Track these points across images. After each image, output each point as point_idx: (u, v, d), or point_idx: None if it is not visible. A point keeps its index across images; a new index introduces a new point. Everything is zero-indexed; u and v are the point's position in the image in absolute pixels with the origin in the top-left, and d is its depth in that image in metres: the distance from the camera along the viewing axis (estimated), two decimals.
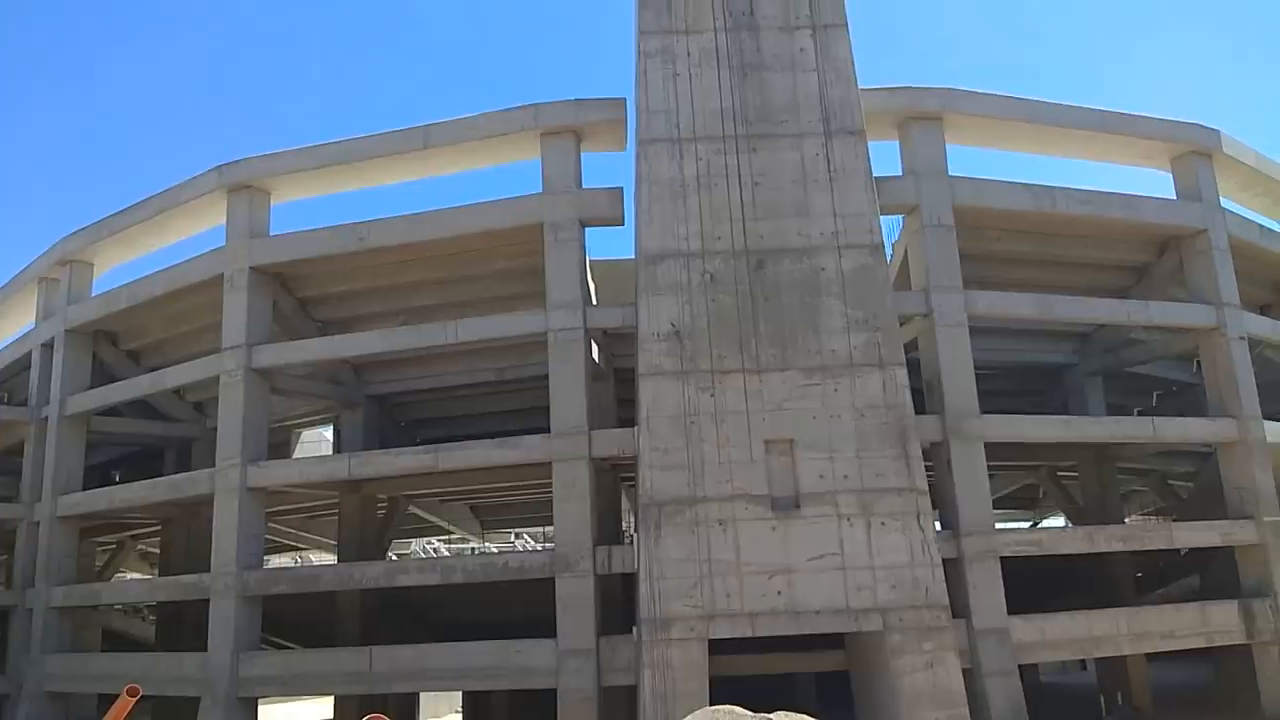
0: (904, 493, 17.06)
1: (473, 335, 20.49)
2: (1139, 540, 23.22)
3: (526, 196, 20.05)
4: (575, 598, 17.87)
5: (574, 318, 18.99)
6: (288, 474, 22.19)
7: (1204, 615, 20.39)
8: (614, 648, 17.72)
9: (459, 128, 20.76)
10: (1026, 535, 24.72)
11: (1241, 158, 23.83)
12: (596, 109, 20.04)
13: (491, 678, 18.81)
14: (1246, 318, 22.77)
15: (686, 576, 16.46)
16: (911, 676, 16.35)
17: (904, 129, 20.63)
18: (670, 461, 16.95)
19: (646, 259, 17.96)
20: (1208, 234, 22.32)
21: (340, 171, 21.60)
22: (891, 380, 17.56)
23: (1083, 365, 26.39)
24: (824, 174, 18.47)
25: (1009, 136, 22.04)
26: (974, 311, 19.80)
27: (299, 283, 22.75)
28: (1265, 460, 21.54)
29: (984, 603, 18.25)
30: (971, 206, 20.33)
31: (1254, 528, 20.88)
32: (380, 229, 20.51)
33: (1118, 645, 20.02)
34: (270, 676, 19.68)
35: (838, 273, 17.96)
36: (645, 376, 17.43)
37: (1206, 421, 22.21)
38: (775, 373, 17.38)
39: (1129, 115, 22.44)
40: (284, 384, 22.61)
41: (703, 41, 19.11)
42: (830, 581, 16.53)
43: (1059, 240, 22.93)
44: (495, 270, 21.97)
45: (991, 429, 19.59)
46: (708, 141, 18.49)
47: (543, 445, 18.84)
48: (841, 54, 19.24)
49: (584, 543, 18.05)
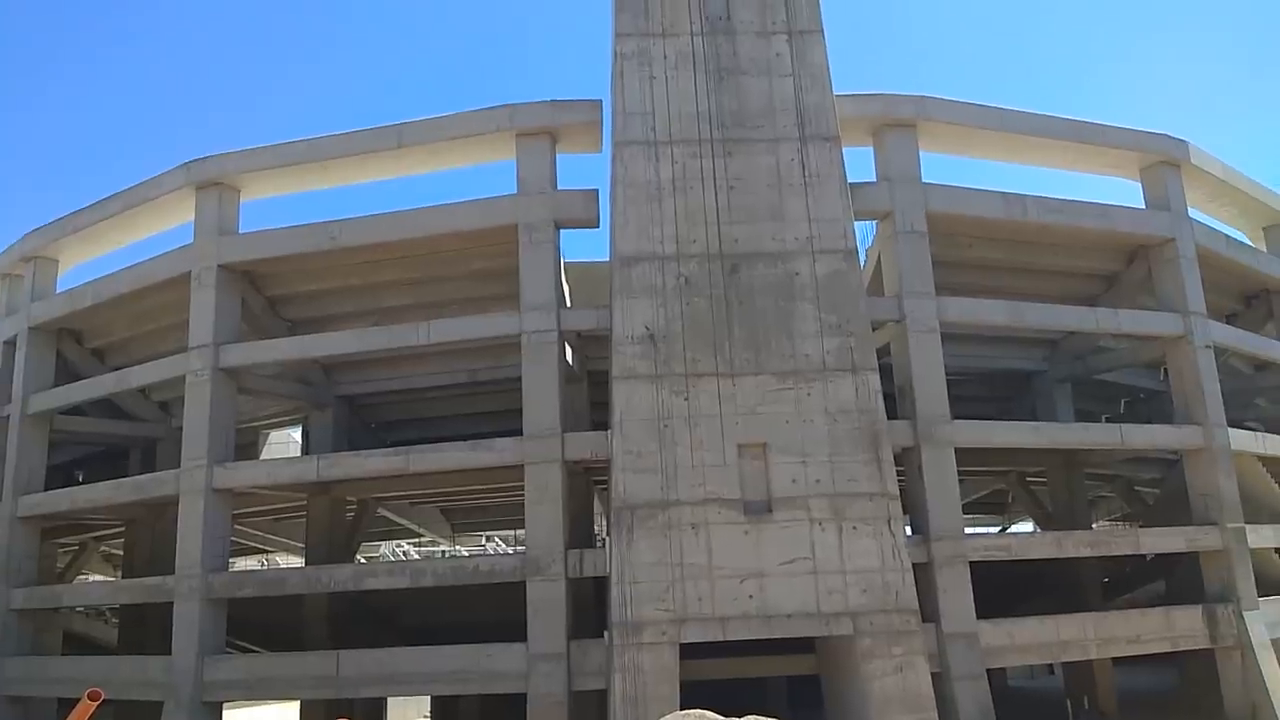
0: (875, 497, 17.13)
1: (445, 336, 20.33)
2: (1106, 546, 23.44)
3: (501, 197, 19.94)
4: (546, 601, 17.76)
5: (548, 320, 18.90)
6: (255, 475, 21.91)
7: (1169, 620, 20.64)
8: (585, 652, 17.64)
9: (433, 127, 20.61)
10: (996, 540, 24.88)
11: (1209, 168, 24.21)
12: (572, 110, 19.98)
13: (461, 682, 18.66)
14: (1213, 326, 23.13)
15: (658, 580, 16.42)
16: (882, 680, 16.41)
17: (878, 135, 20.74)
18: (643, 465, 16.91)
19: (621, 261, 17.92)
20: (1175, 243, 22.64)
21: (311, 169, 21.38)
22: (864, 385, 17.63)
23: (1052, 372, 26.67)
24: (799, 179, 18.53)
25: (982, 144, 22.24)
26: (946, 318, 19.94)
27: (268, 281, 22.47)
28: (1229, 467, 21.87)
29: (953, 607, 18.36)
30: (944, 213, 20.48)
31: (1218, 533, 21.18)
32: (352, 228, 20.31)
33: (1085, 649, 20.22)
34: (235, 680, 19.40)
35: (812, 277, 18.01)
36: (619, 379, 17.38)
37: (1173, 428, 22.51)
38: (749, 376, 17.40)
39: (1099, 125, 22.72)
40: (252, 384, 22.32)
41: (679, 45, 19.11)
42: (802, 585, 16.55)
43: (1030, 248, 23.16)
44: (469, 271, 21.82)
45: (962, 434, 19.73)
46: (684, 145, 18.49)
47: (515, 448, 18.73)
48: (817, 60, 19.33)
49: (556, 546, 17.95)
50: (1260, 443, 23.99)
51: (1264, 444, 24.10)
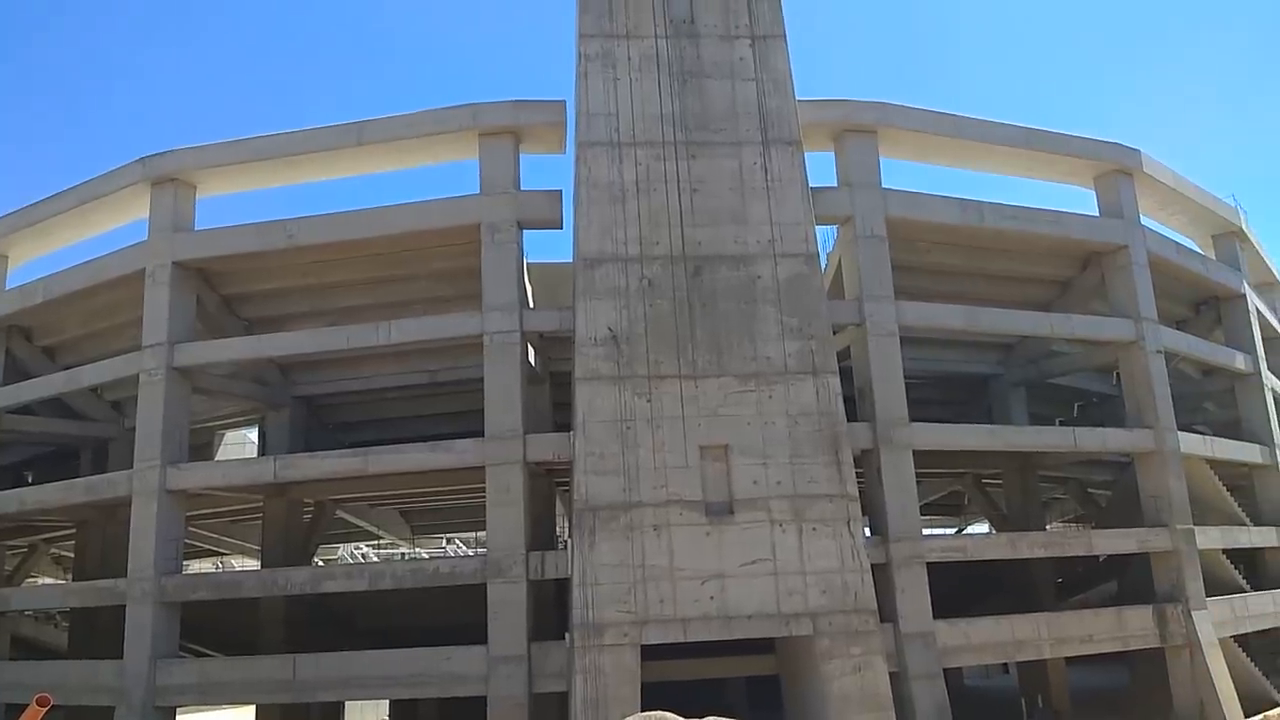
0: (835, 499, 17.29)
1: (405, 336, 20.18)
2: (1059, 547, 23.86)
3: (464, 197, 19.84)
4: (507, 604, 17.69)
5: (510, 320, 18.83)
6: (209, 476, 21.55)
7: (1120, 620, 21.06)
8: (546, 654, 17.59)
9: (395, 125, 20.44)
10: (952, 541, 25.18)
11: (1160, 177, 24.76)
12: (536, 111, 19.94)
13: (420, 685, 18.49)
14: (1164, 332, 23.65)
15: (620, 582, 16.42)
16: (840, 680, 16.56)
17: (839, 141, 20.95)
18: (606, 467, 16.91)
19: (585, 263, 17.91)
20: (1128, 250, 23.12)
21: (270, 166, 21.11)
22: (825, 388, 17.79)
23: (1007, 376, 27.10)
24: (761, 183, 18.65)
25: (941, 151, 22.54)
26: (905, 321, 20.18)
27: (224, 279, 22.14)
28: (1179, 470, 22.37)
29: (911, 607, 18.57)
30: (904, 219, 20.73)
31: (1168, 535, 21.65)
32: (310, 226, 20.09)
33: (1039, 649, 20.54)
34: (189, 685, 19.07)
35: (774, 281, 18.14)
36: (582, 381, 17.36)
37: (1124, 432, 22.98)
38: (711, 379, 17.47)
39: (1054, 133, 23.14)
40: (207, 383, 21.98)
41: (643, 47, 19.15)
42: (762, 586, 16.65)
43: (986, 253, 23.52)
44: (430, 271, 21.67)
45: (920, 437, 19.97)
46: (647, 147, 18.52)
47: (476, 449, 18.63)
48: (780, 65, 19.47)
49: (517, 548, 17.88)
50: (1209, 446, 24.57)
51: (1212, 448, 24.68)
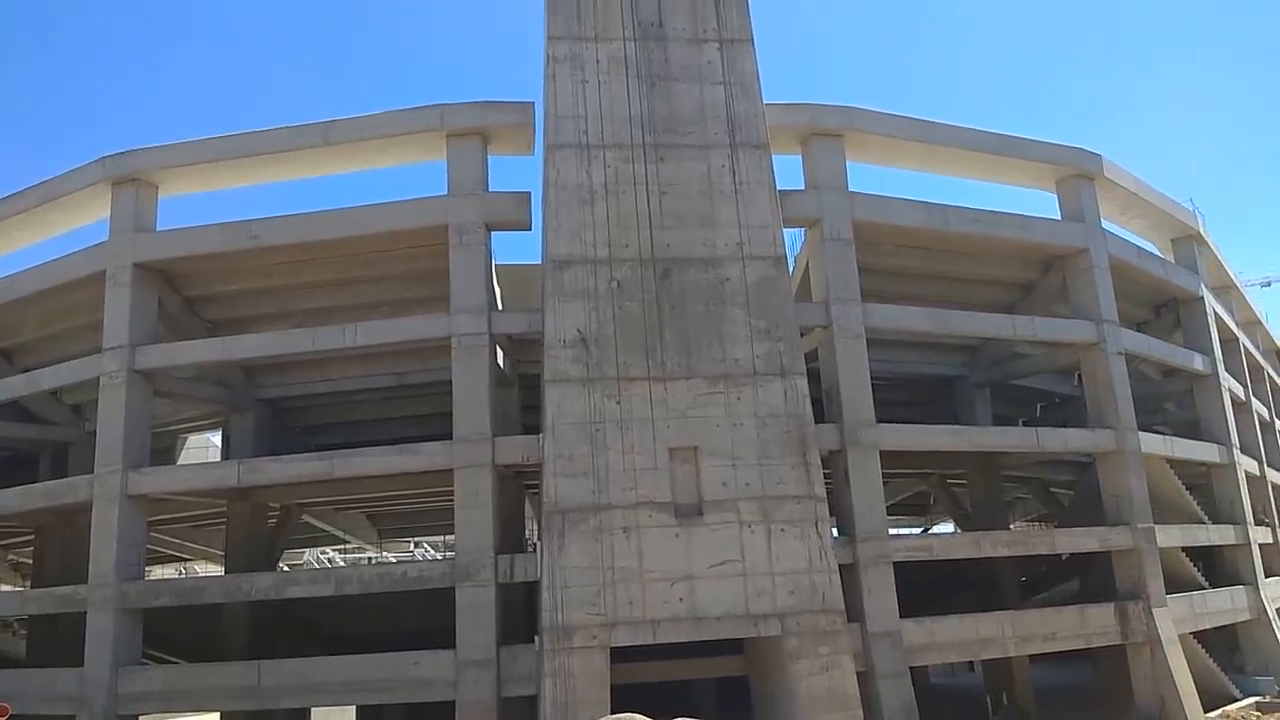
0: (803, 500, 17.38)
1: (372, 339, 20.01)
2: (1023, 546, 24.18)
3: (431, 198, 19.71)
4: (476, 607, 17.59)
5: (479, 322, 18.74)
6: (172, 481, 21.20)
7: (1083, 617, 21.36)
8: (515, 657, 17.51)
9: (361, 125, 20.27)
10: (918, 541, 25.40)
11: (1121, 181, 25.20)
12: (504, 112, 19.87)
13: (387, 691, 18.33)
14: (1124, 334, 24.06)
15: (589, 584, 16.39)
16: (809, 680, 16.64)
17: (807, 144, 21.08)
18: (575, 469, 16.87)
19: (554, 264, 17.87)
20: (1089, 253, 23.50)
21: (234, 166, 20.83)
22: (793, 389, 17.89)
23: (972, 377, 27.44)
24: (729, 185, 18.73)
25: (906, 156, 22.76)
26: (871, 324, 20.35)
27: (187, 281, 21.83)
28: (1140, 469, 22.76)
29: (878, 607, 18.71)
30: (870, 222, 20.90)
31: (1129, 533, 22.01)
32: (274, 227, 19.85)
33: (1003, 647, 20.77)
34: (151, 692, 18.74)
35: (742, 283, 18.21)
36: (551, 383, 17.32)
37: (1086, 432, 23.33)
38: (680, 381, 17.50)
39: (1018, 138, 23.46)
40: (169, 386, 21.64)
41: (612, 50, 19.16)
42: (731, 588, 16.70)
43: (951, 256, 23.79)
44: (397, 273, 21.52)
45: (887, 438, 20.14)
46: (616, 149, 18.53)
47: (445, 452, 18.52)
48: (747, 68, 19.57)
49: (486, 551, 17.79)
50: (1169, 446, 25.04)
51: (1172, 448, 25.16)
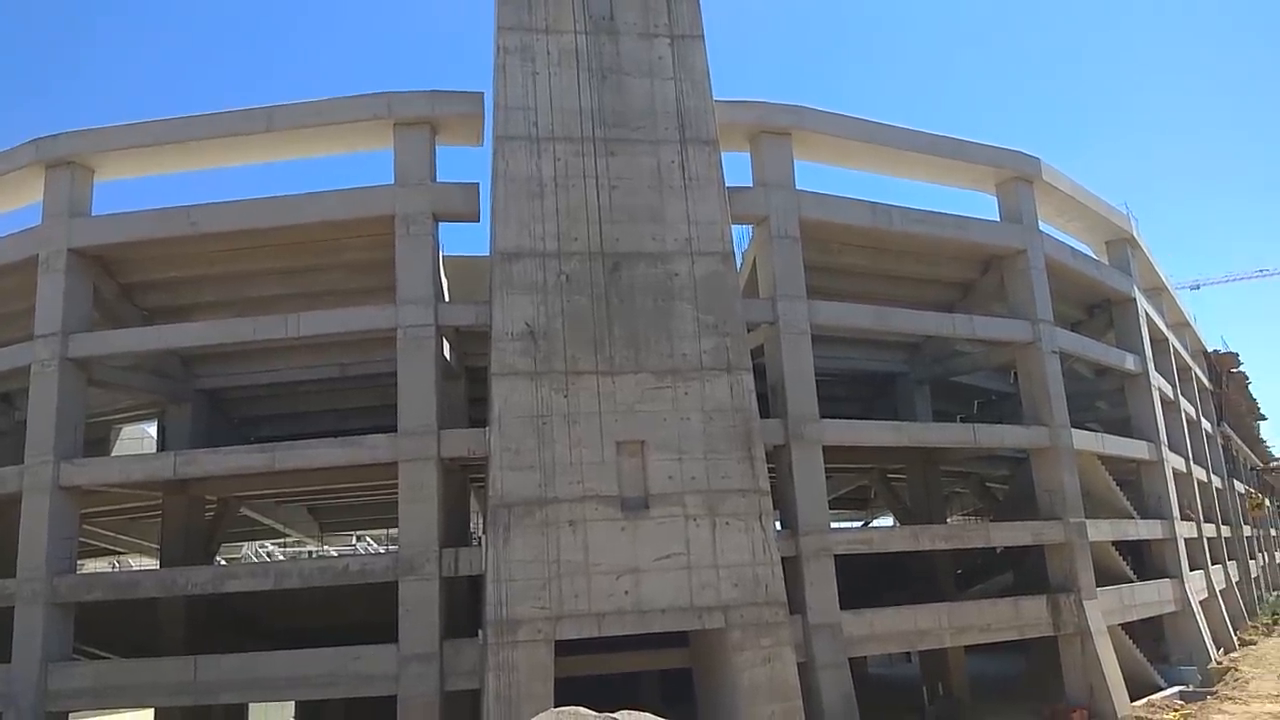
0: (748, 494, 17.58)
1: (316, 329, 19.67)
2: (960, 539, 24.77)
3: (378, 187, 19.46)
4: (419, 601, 17.45)
5: (425, 314, 18.58)
6: (106, 472, 20.61)
7: (1016, 609, 21.96)
8: (458, 651, 17.43)
9: (306, 111, 19.93)
10: (858, 534, 25.99)
11: (1058, 184, 25.91)
12: (453, 102, 19.69)
13: (328, 686, 18.09)
14: (1059, 334, 24.76)
15: (535, 578, 16.38)
16: (751, 671, 16.85)
17: (755, 142, 21.27)
18: (522, 462, 16.84)
19: (502, 257, 17.78)
20: (1027, 254, 24.12)
21: (173, 151, 20.33)
22: (739, 384, 18.06)
23: (913, 374, 27.97)
24: (679, 181, 18.81)
25: (853, 155, 23.09)
26: (817, 320, 20.63)
27: (123, 267, 21.24)
28: (1072, 465, 23.46)
29: (819, 599, 19.03)
30: (817, 220, 21.18)
31: (1061, 528, 22.68)
32: (215, 213, 19.42)
33: (940, 638, 21.27)
34: (83, 689, 18.25)
35: (690, 278, 18.32)
36: (498, 376, 17.25)
37: (1022, 429, 23.96)
38: (628, 375, 17.55)
39: (960, 140, 23.96)
40: (104, 375, 21.04)
41: (563, 42, 19.10)
42: (676, 581, 16.83)
43: (895, 256, 24.22)
44: (342, 262, 21.21)
45: (830, 433, 20.46)
46: (566, 142, 18.49)
47: (389, 445, 18.32)
48: (698, 64, 19.66)
49: (430, 545, 17.67)
50: (1100, 443, 25.85)
51: (1104, 444, 25.98)
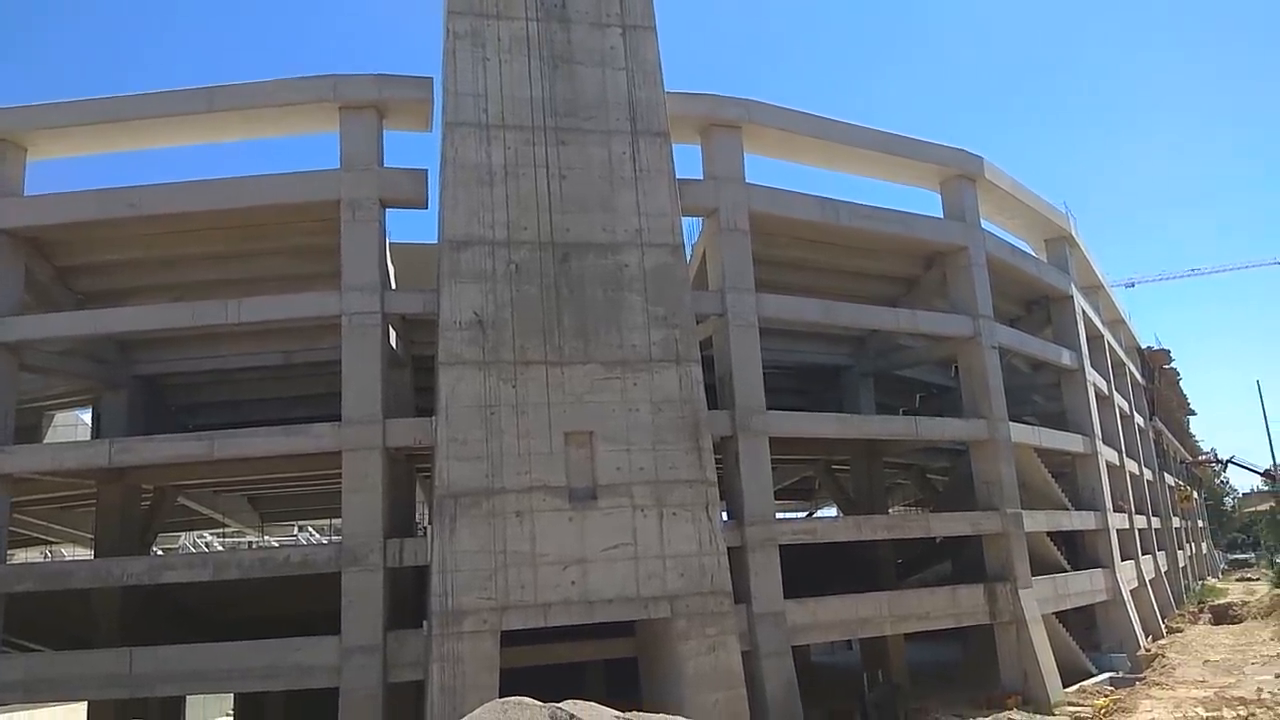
0: (695, 484, 17.70)
1: (257, 315, 19.28)
2: (901, 529, 25.21)
3: (323, 171, 19.12)
4: (362, 592, 17.27)
5: (371, 301, 18.34)
6: (37, 460, 20.04)
7: (954, 598, 22.48)
8: (402, 643, 17.29)
9: (249, 92, 19.49)
10: (803, 524, 26.23)
11: (999, 183, 26.46)
12: (401, 86, 19.41)
13: (269, 678, 17.84)
14: (999, 329, 25.34)
15: (481, 568, 16.33)
16: (696, 660, 17.01)
17: (706, 135, 21.34)
18: (468, 452, 16.74)
19: (451, 245, 17.62)
20: (968, 251, 24.62)
21: (111, 130, 19.73)
22: (687, 376, 18.16)
23: (858, 367, 28.40)
24: (630, 172, 18.81)
25: (802, 150, 23.30)
26: (765, 313, 20.82)
27: (59, 250, 20.61)
28: (1010, 457, 24.05)
29: (763, 588, 19.26)
30: (766, 213, 21.35)
31: (999, 518, 23.25)
32: (154, 195, 18.91)
33: (880, 626, 21.68)
34: (13, 682, 17.72)
35: (640, 270, 18.36)
36: (445, 365, 17.11)
37: (962, 422, 24.50)
38: (577, 365, 17.55)
39: (907, 138, 24.33)
40: (36, 360, 20.43)
41: (514, 29, 18.95)
42: (623, 571, 16.90)
43: (842, 250, 24.53)
44: (287, 247, 20.83)
45: (776, 425, 20.68)
46: (517, 130, 18.36)
47: (333, 434, 18.07)
48: (650, 56, 19.66)
49: (374, 535, 17.49)
50: (1036, 436, 26.54)
51: (1039, 437, 26.68)
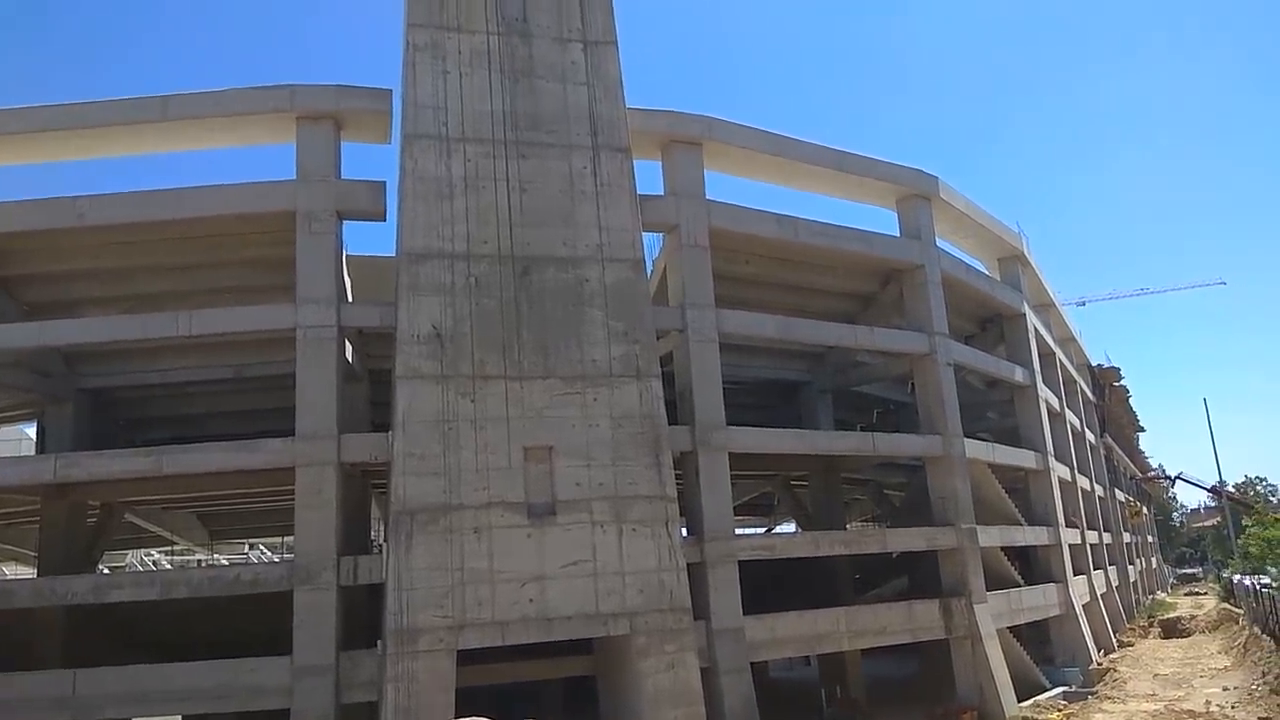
0: (655, 500, 17.64)
1: (208, 328, 18.86)
2: (858, 544, 25.37)
3: (279, 182, 18.86)
4: (315, 611, 16.88)
5: (327, 314, 18.05)
6: None
7: (911, 613, 22.61)
8: (355, 663, 16.92)
9: (204, 101, 19.18)
10: (762, 540, 26.26)
11: (954, 202, 26.88)
12: (359, 97, 19.21)
13: (218, 699, 17.33)
14: (954, 346, 25.67)
15: (437, 586, 16.08)
16: (654, 677, 16.90)
17: (667, 151, 21.41)
18: (426, 468, 16.52)
19: (409, 258, 17.44)
20: (924, 269, 24.94)
21: (60, 138, 19.29)
22: (648, 391, 18.12)
23: (816, 383, 28.59)
24: (591, 187, 18.80)
25: (763, 168, 23.47)
26: (724, 329, 20.87)
27: (3, 259, 20.01)
28: (965, 473, 24.32)
29: (722, 604, 19.18)
30: (726, 230, 21.44)
31: (954, 533, 23.48)
32: (104, 205, 18.51)
33: (838, 641, 21.73)
34: None
35: (601, 284, 18.31)
36: (402, 379, 16.89)
37: (917, 438, 24.74)
38: (537, 380, 17.43)
39: (865, 157, 24.63)
40: None
41: (474, 42, 18.88)
42: (582, 587, 16.75)
43: (800, 267, 24.71)
44: (241, 259, 20.47)
45: (736, 440, 20.70)
46: (477, 143, 18.27)
47: (286, 449, 17.70)
48: (611, 71, 19.70)
49: (328, 553, 17.14)
50: (991, 452, 26.89)
51: (994, 453, 27.03)
